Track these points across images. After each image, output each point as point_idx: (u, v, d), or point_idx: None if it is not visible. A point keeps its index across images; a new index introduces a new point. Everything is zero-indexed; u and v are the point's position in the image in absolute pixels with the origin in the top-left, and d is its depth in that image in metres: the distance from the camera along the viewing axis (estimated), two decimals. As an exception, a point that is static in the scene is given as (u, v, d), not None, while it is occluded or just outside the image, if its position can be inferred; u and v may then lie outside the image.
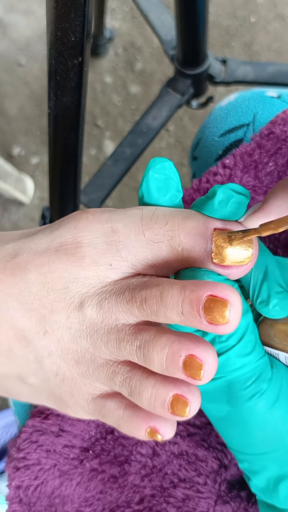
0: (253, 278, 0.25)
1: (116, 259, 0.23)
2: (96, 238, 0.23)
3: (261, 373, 0.24)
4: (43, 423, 0.31)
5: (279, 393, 0.24)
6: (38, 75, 1.11)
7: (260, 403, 0.24)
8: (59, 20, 0.32)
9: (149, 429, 0.23)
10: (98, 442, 0.31)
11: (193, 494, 0.29)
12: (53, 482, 0.30)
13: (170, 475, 0.30)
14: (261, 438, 0.25)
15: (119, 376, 0.23)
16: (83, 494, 0.30)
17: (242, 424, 0.25)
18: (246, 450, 0.26)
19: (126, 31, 1.12)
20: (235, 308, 0.20)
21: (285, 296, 0.24)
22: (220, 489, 0.30)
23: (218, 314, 0.20)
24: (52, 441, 0.30)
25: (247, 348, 0.23)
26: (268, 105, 0.40)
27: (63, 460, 0.31)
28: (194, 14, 0.59)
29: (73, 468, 0.30)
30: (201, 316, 0.20)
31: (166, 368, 0.21)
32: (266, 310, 0.24)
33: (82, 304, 0.23)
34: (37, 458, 0.30)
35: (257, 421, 0.24)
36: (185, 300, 0.20)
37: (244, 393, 0.24)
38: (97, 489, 0.30)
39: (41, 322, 0.24)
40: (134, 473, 0.30)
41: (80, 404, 0.25)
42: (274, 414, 0.24)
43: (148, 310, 0.21)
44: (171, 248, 0.23)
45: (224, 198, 0.23)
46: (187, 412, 0.21)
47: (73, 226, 0.24)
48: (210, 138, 0.42)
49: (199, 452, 0.30)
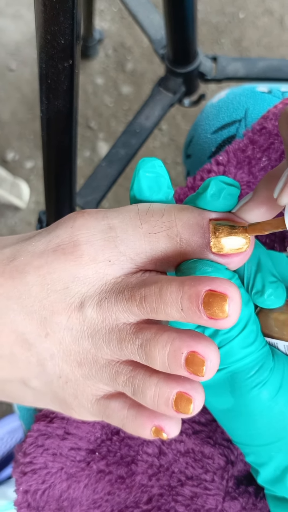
0: (247, 270, 0.25)
1: (115, 254, 0.23)
2: (93, 235, 0.23)
3: (264, 362, 0.24)
4: (48, 427, 0.31)
5: (282, 381, 0.25)
6: (29, 79, 1.11)
7: (264, 392, 0.24)
8: (48, 23, 0.32)
9: (154, 427, 0.23)
10: (104, 444, 0.31)
11: (201, 492, 0.29)
12: (61, 485, 0.30)
13: (177, 474, 0.30)
14: (266, 428, 0.25)
15: (122, 376, 0.23)
16: (91, 496, 0.30)
17: (246, 414, 0.25)
18: (252, 441, 0.26)
19: (115, 32, 1.12)
20: (234, 301, 0.20)
21: (279, 285, 0.25)
22: (227, 485, 0.30)
23: (218, 308, 0.20)
24: (58, 444, 0.30)
25: (249, 338, 0.24)
26: (259, 100, 0.40)
27: (70, 463, 0.31)
28: (183, 12, 0.59)
29: (80, 470, 0.30)
30: (201, 311, 0.20)
31: (168, 366, 0.21)
32: (262, 300, 0.24)
33: (83, 304, 0.23)
34: (44, 462, 0.30)
35: (261, 410, 0.25)
36: (184, 296, 0.20)
37: (247, 383, 0.24)
38: (105, 490, 0.30)
39: (42, 325, 0.24)
40: (141, 473, 0.30)
41: (84, 405, 0.25)
42: (278, 402, 0.24)
43: (147, 308, 0.21)
44: (169, 239, 0.23)
45: (216, 191, 0.23)
46: (191, 409, 0.21)
47: (70, 226, 0.24)
48: (202, 135, 0.42)
49: (205, 449, 0.30)
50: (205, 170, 0.34)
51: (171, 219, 0.23)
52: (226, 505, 0.29)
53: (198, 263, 0.23)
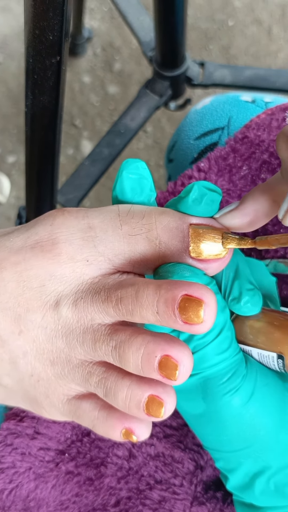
0: (224, 276, 0.25)
1: (93, 254, 0.23)
2: (73, 234, 0.23)
3: (237, 369, 0.24)
4: (18, 426, 0.30)
5: (253, 389, 0.25)
6: (15, 73, 1.10)
7: (236, 399, 0.24)
8: (37, 18, 0.32)
9: (124, 430, 0.23)
10: (74, 445, 0.30)
11: (169, 496, 0.29)
12: (28, 485, 0.30)
13: (146, 477, 0.30)
14: (236, 434, 0.25)
15: (94, 377, 0.23)
16: (59, 497, 0.30)
17: (217, 420, 0.25)
18: (222, 447, 0.26)
19: (104, 31, 1.12)
20: (210, 307, 0.20)
21: (255, 293, 0.25)
22: (196, 490, 0.30)
23: (193, 313, 0.20)
24: (27, 443, 0.30)
25: (224, 344, 0.24)
26: (242, 109, 0.40)
27: (39, 463, 0.30)
28: (173, 16, 0.60)
29: (49, 471, 0.30)
30: (176, 315, 0.20)
31: (141, 369, 0.21)
32: (238, 307, 0.25)
33: (58, 303, 0.23)
34: (12, 461, 0.30)
35: (232, 417, 0.25)
36: (160, 299, 0.20)
37: (220, 389, 0.24)
38: (73, 492, 0.30)
39: (16, 322, 0.23)
40: (110, 475, 0.30)
41: (55, 405, 0.25)
42: (249, 409, 0.25)
43: (123, 310, 0.21)
44: (148, 241, 0.23)
45: (198, 196, 0.23)
46: (162, 413, 0.21)
47: (49, 223, 0.24)
48: (185, 141, 0.43)
49: (176, 453, 0.30)
50: (186, 175, 0.34)
51: (151, 222, 0.23)
52: (193, 510, 0.29)
53: (176, 267, 0.23)
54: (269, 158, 0.33)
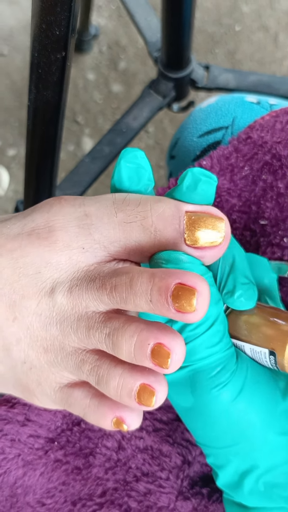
0: (220, 269, 0.25)
1: (89, 242, 0.23)
2: (69, 222, 0.23)
3: (226, 364, 0.24)
4: (8, 412, 0.31)
5: (243, 386, 0.25)
6: (20, 66, 1.10)
7: (223, 394, 0.24)
8: (45, 12, 0.32)
9: (115, 418, 0.23)
10: (64, 433, 0.31)
11: (155, 489, 0.30)
12: (16, 472, 0.30)
13: (133, 469, 0.30)
14: (224, 431, 0.25)
15: (87, 365, 0.23)
16: (46, 485, 0.30)
17: (205, 415, 0.25)
18: (211, 443, 0.26)
19: (111, 29, 1.12)
20: (203, 296, 0.20)
21: (250, 287, 0.25)
22: (182, 485, 0.30)
23: (186, 302, 0.20)
24: (17, 430, 0.30)
25: (215, 337, 0.24)
26: (247, 110, 0.40)
27: (28, 450, 0.30)
28: (180, 18, 0.60)
29: (38, 458, 0.30)
30: (169, 304, 0.20)
31: (134, 356, 0.21)
32: (231, 301, 0.25)
33: (53, 290, 0.23)
34: (1, 447, 0.30)
35: (220, 413, 0.25)
36: (153, 287, 0.20)
37: (208, 383, 0.24)
38: (60, 480, 0.30)
39: (11, 308, 0.24)
40: (98, 465, 0.30)
41: (46, 393, 0.25)
42: (237, 406, 0.25)
43: (117, 298, 0.22)
44: (143, 229, 0.23)
45: (192, 183, 0.23)
46: (153, 402, 0.21)
47: (46, 211, 0.24)
48: (188, 138, 0.43)
49: (164, 447, 0.30)
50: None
51: (146, 209, 0.23)
52: (178, 504, 0.30)
53: (171, 255, 0.22)
54: (271, 160, 0.34)
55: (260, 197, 0.34)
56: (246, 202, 0.34)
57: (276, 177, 0.34)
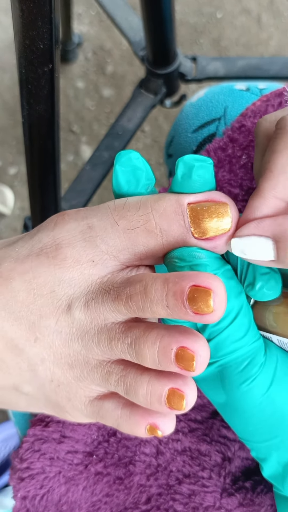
0: (240, 260, 0.24)
1: (98, 254, 0.23)
2: (74, 237, 0.23)
3: (254, 357, 0.24)
4: (44, 431, 0.31)
5: (273, 378, 0.24)
6: (9, 84, 1.10)
7: (254, 389, 0.24)
8: (26, 28, 0.32)
9: (149, 425, 0.23)
10: (101, 445, 0.31)
11: (198, 489, 0.30)
12: (59, 490, 0.30)
13: (175, 472, 0.30)
14: (260, 425, 0.25)
15: (113, 376, 0.23)
16: (90, 498, 0.30)
17: (240, 410, 0.25)
18: (250, 437, 0.26)
19: (94, 35, 1.12)
20: (219, 296, 0.20)
21: (271, 276, 0.24)
22: (225, 482, 0.30)
23: (203, 303, 0.19)
24: (55, 448, 0.30)
25: (240, 331, 0.23)
26: (237, 98, 0.40)
27: (68, 466, 0.30)
28: (161, 13, 0.60)
29: (79, 473, 0.30)
30: (186, 307, 0.20)
31: (159, 363, 0.21)
32: (254, 293, 0.24)
33: (70, 306, 0.23)
34: (41, 467, 0.30)
35: (253, 407, 0.24)
36: (168, 293, 0.20)
37: (236, 378, 0.24)
38: (103, 492, 0.30)
39: (31, 329, 0.24)
40: (140, 473, 0.30)
41: (77, 408, 0.25)
42: (269, 399, 0.24)
43: (134, 307, 0.21)
44: (148, 232, 0.22)
45: (186, 171, 0.22)
46: (184, 405, 0.21)
47: (51, 229, 0.24)
48: (183, 135, 0.43)
49: (202, 447, 0.30)
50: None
51: (147, 212, 0.22)
52: (224, 502, 0.29)
53: (185, 252, 0.22)
54: (268, 145, 0.34)
55: None
56: (248, 190, 0.34)
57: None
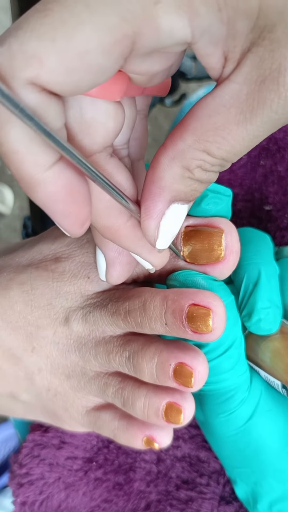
0: (244, 286, 0.23)
1: (94, 271, 0.23)
2: (74, 251, 0.23)
3: (236, 392, 0.23)
4: (43, 437, 0.30)
5: (252, 413, 0.23)
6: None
7: (231, 421, 0.23)
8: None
9: (146, 438, 0.23)
10: (101, 452, 0.31)
11: (196, 496, 0.29)
12: (59, 495, 0.30)
13: (174, 479, 0.30)
14: (233, 453, 0.24)
15: (111, 388, 0.23)
16: (89, 504, 0.30)
17: (215, 435, 0.25)
18: (222, 459, 0.26)
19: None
20: (218, 316, 0.19)
21: (271, 311, 0.23)
22: (224, 489, 0.30)
23: (202, 323, 0.19)
24: (54, 454, 0.30)
25: (227, 364, 0.22)
26: None
27: (67, 472, 0.30)
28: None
29: (78, 479, 0.30)
30: (185, 326, 0.19)
31: (156, 378, 0.20)
32: (249, 325, 0.23)
33: (68, 318, 0.23)
34: (41, 473, 0.30)
35: (228, 437, 0.24)
36: (167, 310, 0.20)
37: (215, 408, 0.23)
38: (102, 497, 0.30)
39: (28, 339, 0.24)
40: (140, 479, 0.30)
41: (74, 417, 0.25)
42: (246, 432, 0.24)
43: (132, 323, 0.21)
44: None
45: (197, 198, 0.21)
46: (181, 419, 0.21)
47: (51, 242, 0.24)
48: None
49: (201, 453, 0.30)
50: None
51: None
52: (221, 509, 0.29)
53: (188, 277, 0.21)
54: (267, 144, 0.33)
55: (261, 183, 0.33)
56: (249, 190, 0.33)
57: (275, 160, 0.33)
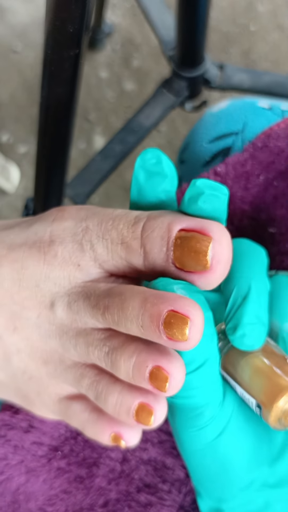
0: (232, 298, 0.23)
1: (85, 259, 0.22)
2: (69, 237, 0.23)
3: (206, 408, 0.22)
4: (13, 417, 0.30)
5: (222, 431, 0.23)
6: (32, 63, 1.10)
7: (199, 437, 0.23)
8: (59, 9, 0.32)
9: (113, 434, 0.22)
10: (68, 442, 0.30)
11: (156, 501, 0.29)
12: (19, 478, 0.30)
13: (136, 480, 0.30)
14: (199, 467, 0.24)
15: (86, 379, 0.22)
16: (47, 492, 0.30)
17: (181, 446, 0.24)
18: (189, 469, 0.25)
19: (125, 27, 1.12)
20: (196, 325, 0.19)
21: (256, 328, 0.22)
22: (184, 499, 0.29)
23: (178, 331, 0.18)
24: (21, 436, 0.30)
25: (200, 381, 0.21)
26: (259, 116, 0.40)
27: (31, 457, 0.30)
28: (195, 16, 0.59)
29: (41, 466, 0.30)
30: (161, 331, 0.19)
31: (132, 377, 0.20)
32: (232, 338, 0.22)
33: (53, 303, 0.23)
34: (4, 453, 0.30)
35: (195, 451, 0.24)
36: (145, 313, 0.19)
37: (183, 421, 0.23)
38: (62, 487, 0.30)
39: (11, 318, 0.23)
40: (102, 475, 0.30)
41: (46, 403, 0.25)
42: (214, 449, 0.23)
43: (109, 319, 0.21)
44: (132, 250, 0.21)
45: (194, 195, 0.21)
46: (151, 421, 0.20)
47: (48, 224, 0.23)
48: (199, 143, 0.42)
49: (167, 459, 0.30)
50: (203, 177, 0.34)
51: (137, 230, 0.21)
52: (181, 516, 0.29)
53: (166, 287, 0.20)
54: (286, 169, 0.33)
55: (269, 204, 0.33)
56: (256, 208, 0.33)
57: (287, 184, 0.33)
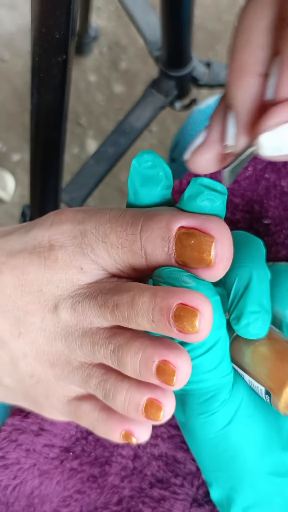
0: (234, 289, 0.23)
1: (87, 262, 0.23)
2: (68, 240, 0.23)
3: (218, 392, 0.23)
4: (23, 422, 0.30)
5: (233, 417, 0.23)
6: (21, 71, 1.10)
7: (211, 423, 0.23)
8: (44, 16, 0.32)
9: (124, 432, 0.22)
10: (79, 442, 0.30)
11: (169, 495, 0.29)
12: (33, 482, 0.30)
13: (149, 476, 0.30)
14: (211, 456, 0.25)
15: (93, 379, 0.23)
16: (61, 493, 0.30)
17: (195, 437, 0.25)
18: (199, 461, 0.26)
19: (111, 30, 1.12)
20: (205, 317, 0.19)
21: (260, 316, 0.23)
22: (197, 492, 0.30)
23: (188, 323, 0.19)
24: (32, 440, 0.30)
25: (210, 364, 0.22)
26: None
27: (43, 460, 0.30)
28: (179, 15, 0.60)
29: (53, 468, 0.30)
30: (171, 324, 0.19)
31: (139, 373, 0.20)
32: (237, 328, 0.23)
33: (57, 306, 0.23)
34: (16, 458, 0.30)
35: (207, 440, 0.24)
36: (155, 308, 0.20)
37: (196, 408, 0.23)
38: (75, 488, 0.30)
39: (15, 324, 0.24)
40: (114, 474, 0.30)
41: (55, 406, 0.25)
42: (225, 436, 0.24)
43: (119, 317, 0.21)
44: (133, 253, 0.22)
45: (193, 193, 0.21)
46: (161, 416, 0.21)
47: (47, 229, 0.24)
48: (188, 140, 0.43)
49: (178, 454, 0.30)
50: (192, 174, 0.34)
51: (136, 232, 0.21)
52: (192, 511, 0.29)
53: (172, 273, 0.21)
54: (274, 159, 0.34)
55: (263, 196, 0.33)
56: (249, 201, 0.33)
57: (279, 175, 0.33)
